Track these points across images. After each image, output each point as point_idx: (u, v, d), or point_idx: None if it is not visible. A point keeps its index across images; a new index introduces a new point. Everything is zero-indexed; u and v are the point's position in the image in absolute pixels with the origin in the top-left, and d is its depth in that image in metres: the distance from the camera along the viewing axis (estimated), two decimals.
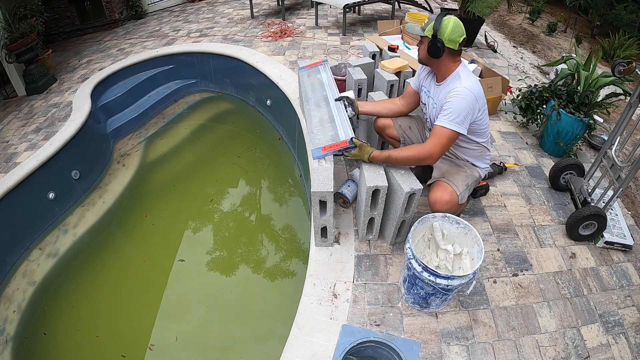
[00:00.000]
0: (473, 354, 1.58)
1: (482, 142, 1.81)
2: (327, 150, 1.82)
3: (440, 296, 1.59)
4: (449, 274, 1.45)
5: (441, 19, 1.64)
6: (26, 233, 2.78)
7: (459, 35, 1.64)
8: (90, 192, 3.24)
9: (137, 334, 2.35)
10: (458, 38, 1.64)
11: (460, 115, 1.61)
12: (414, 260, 1.53)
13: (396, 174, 1.79)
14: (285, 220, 3.05)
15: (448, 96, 1.65)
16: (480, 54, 4.21)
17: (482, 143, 1.81)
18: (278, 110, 3.75)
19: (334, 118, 2.05)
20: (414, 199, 1.77)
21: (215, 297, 2.53)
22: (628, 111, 1.95)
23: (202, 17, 5.86)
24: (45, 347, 2.27)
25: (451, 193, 1.74)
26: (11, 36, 3.79)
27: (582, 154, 2.80)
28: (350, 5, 4.63)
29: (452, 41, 1.64)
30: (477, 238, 1.57)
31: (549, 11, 6.04)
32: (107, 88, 4.10)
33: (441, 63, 1.71)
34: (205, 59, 4.43)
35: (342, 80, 3.07)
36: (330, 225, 1.89)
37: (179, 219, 3.11)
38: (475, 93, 1.64)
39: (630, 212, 2.36)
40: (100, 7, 5.73)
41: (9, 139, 3.30)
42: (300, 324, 1.67)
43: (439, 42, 1.64)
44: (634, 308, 1.81)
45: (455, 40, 1.64)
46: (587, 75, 2.56)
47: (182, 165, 3.71)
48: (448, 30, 1.63)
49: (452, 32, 1.63)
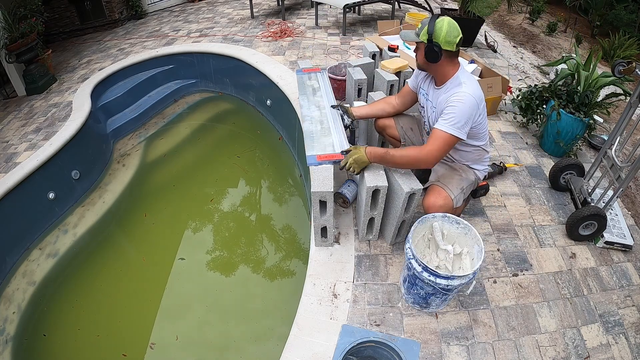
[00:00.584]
0: (473, 354, 1.58)
1: (480, 145, 1.80)
2: (322, 160, 1.85)
3: (440, 296, 1.59)
4: (449, 274, 1.46)
5: (435, 22, 1.61)
6: (26, 233, 2.78)
7: (455, 36, 1.60)
8: (90, 192, 3.24)
9: (138, 334, 2.35)
10: (454, 39, 1.61)
11: (461, 120, 1.59)
12: (414, 260, 1.53)
13: (396, 174, 1.79)
14: (285, 220, 3.05)
15: (449, 100, 1.62)
16: (480, 54, 4.21)
17: (480, 146, 1.80)
18: (278, 110, 3.75)
19: (330, 127, 2.10)
20: (414, 199, 1.77)
21: (216, 297, 2.53)
22: (628, 111, 1.95)
23: (202, 17, 5.86)
24: (46, 347, 2.27)
25: (445, 197, 1.73)
26: (11, 36, 3.79)
27: (582, 154, 2.80)
28: (350, 5, 4.63)
29: (449, 43, 1.60)
30: (477, 238, 1.57)
31: (549, 11, 6.04)
32: (107, 88, 4.10)
33: (439, 67, 1.68)
34: (205, 59, 4.43)
35: (342, 80, 3.07)
36: (330, 225, 1.89)
37: (179, 219, 3.12)
38: (477, 98, 1.61)
39: (630, 212, 2.36)
40: (100, 7, 5.73)
41: (9, 139, 3.30)
42: (300, 324, 1.67)
43: (435, 46, 1.61)
44: (634, 308, 1.82)
45: (452, 41, 1.61)
46: (587, 75, 2.56)
47: (182, 165, 3.71)
48: (443, 32, 1.59)
49: (447, 34, 1.59)
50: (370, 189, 1.76)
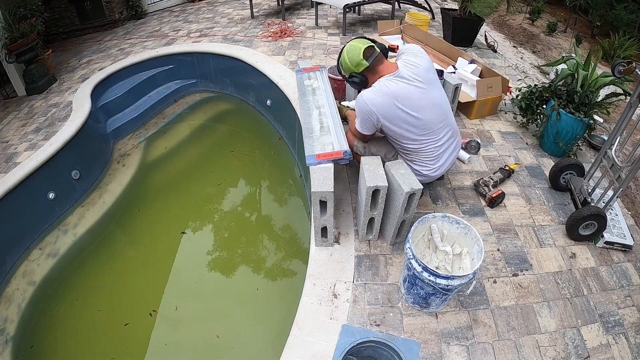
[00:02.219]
0: (473, 354, 1.58)
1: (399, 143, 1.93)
2: (322, 159, 1.86)
3: (440, 296, 1.59)
4: (449, 274, 1.46)
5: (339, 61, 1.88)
6: (26, 233, 2.78)
7: (357, 54, 1.78)
8: (90, 192, 3.24)
9: (138, 333, 2.35)
10: (358, 57, 1.78)
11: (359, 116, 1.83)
12: (414, 260, 1.53)
13: (396, 174, 1.79)
14: (285, 220, 3.05)
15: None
16: (480, 54, 4.21)
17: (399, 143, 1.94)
18: (278, 110, 3.75)
19: (330, 127, 2.11)
20: (414, 199, 1.77)
21: (215, 297, 2.53)
22: (628, 111, 1.95)
23: (202, 17, 5.86)
24: (46, 347, 2.27)
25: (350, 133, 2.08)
26: (11, 36, 3.79)
27: (582, 154, 2.80)
28: (350, 5, 4.63)
29: (358, 64, 1.80)
30: (477, 238, 1.57)
31: (549, 11, 6.04)
32: (107, 88, 4.10)
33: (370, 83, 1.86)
34: (205, 59, 4.43)
35: (342, 80, 3.07)
36: (331, 225, 1.89)
37: (178, 219, 3.11)
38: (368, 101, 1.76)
39: (630, 212, 2.36)
40: (100, 7, 5.73)
41: (9, 139, 3.30)
42: (300, 324, 1.67)
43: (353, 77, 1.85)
44: (634, 308, 1.81)
45: (357, 60, 1.79)
46: (586, 75, 2.56)
47: (182, 165, 3.71)
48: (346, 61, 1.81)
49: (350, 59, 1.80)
50: (370, 189, 1.76)
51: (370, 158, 1.91)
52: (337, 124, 2.11)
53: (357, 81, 1.85)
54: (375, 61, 1.81)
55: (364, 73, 1.83)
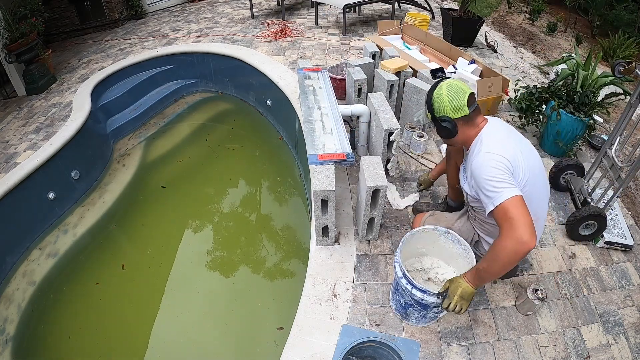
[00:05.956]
0: (473, 354, 1.58)
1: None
2: (324, 159, 1.86)
3: (418, 310, 1.53)
4: (424, 288, 1.41)
5: (432, 95, 1.46)
6: (26, 233, 2.78)
7: (460, 98, 1.41)
8: (90, 192, 3.24)
9: (138, 333, 2.35)
10: (461, 101, 1.41)
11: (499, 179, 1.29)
12: (397, 264, 1.51)
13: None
14: (285, 220, 3.05)
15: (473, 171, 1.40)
16: (480, 54, 4.21)
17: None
18: (278, 110, 3.75)
19: (331, 127, 2.11)
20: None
21: (215, 297, 2.53)
22: (628, 111, 1.95)
23: (202, 17, 5.86)
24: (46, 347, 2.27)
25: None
26: (11, 36, 3.79)
27: (582, 154, 2.80)
28: (350, 5, 4.63)
29: (457, 109, 1.42)
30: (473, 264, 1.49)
31: (549, 11, 6.04)
32: (107, 88, 4.10)
33: (460, 136, 1.48)
34: (205, 59, 4.43)
35: (342, 80, 3.08)
36: (332, 224, 1.89)
37: (178, 219, 3.12)
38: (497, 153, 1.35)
39: (630, 212, 2.36)
40: (100, 7, 5.73)
41: (9, 139, 3.30)
42: (300, 324, 1.67)
43: (444, 121, 1.45)
44: (634, 308, 1.81)
45: (459, 106, 1.41)
46: (586, 75, 2.56)
47: (182, 165, 3.71)
48: (445, 102, 1.42)
49: (451, 100, 1.42)
50: (370, 189, 1.76)
51: (370, 158, 1.91)
52: (340, 126, 2.09)
53: (449, 127, 1.46)
54: (476, 112, 1.46)
55: (456, 121, 1.46)
